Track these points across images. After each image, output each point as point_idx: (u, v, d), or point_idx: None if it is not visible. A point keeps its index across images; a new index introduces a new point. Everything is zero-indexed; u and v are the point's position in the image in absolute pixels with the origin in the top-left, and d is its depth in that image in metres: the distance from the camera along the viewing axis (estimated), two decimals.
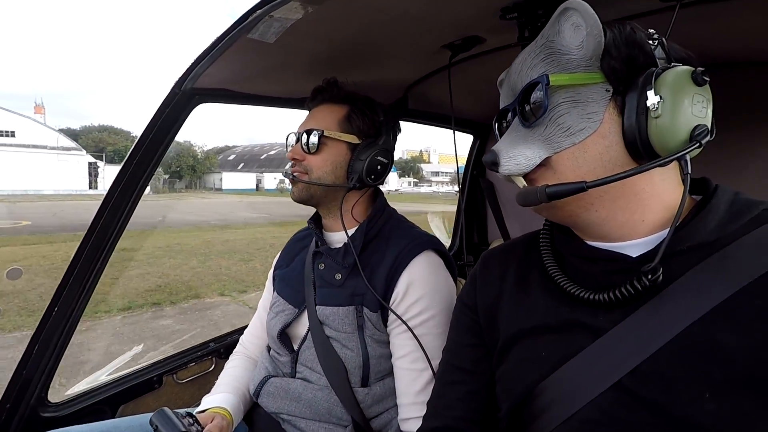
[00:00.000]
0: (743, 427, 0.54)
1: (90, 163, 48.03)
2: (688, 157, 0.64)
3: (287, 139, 1.24)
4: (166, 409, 0.94)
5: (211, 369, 1.71)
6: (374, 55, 1.25)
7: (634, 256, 0.67)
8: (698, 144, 0.62)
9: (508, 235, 2.25)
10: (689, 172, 0.64)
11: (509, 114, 0.77)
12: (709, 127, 0.63)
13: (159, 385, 1.56)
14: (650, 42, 0.67)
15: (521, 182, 0.72)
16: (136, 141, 1.27)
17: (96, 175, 47.91)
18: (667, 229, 0.66)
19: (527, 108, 0.71)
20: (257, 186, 60.83)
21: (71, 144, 45.76)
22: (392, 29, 1.08)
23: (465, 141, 2.40)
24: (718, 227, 0.64)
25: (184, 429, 0.91)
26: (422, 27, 1.08)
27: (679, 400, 0.57)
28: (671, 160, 0.62)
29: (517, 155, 0.71)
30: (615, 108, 0.66)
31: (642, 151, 0.64)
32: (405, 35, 1.13)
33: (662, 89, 0.62)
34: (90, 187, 46.50)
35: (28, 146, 42.69)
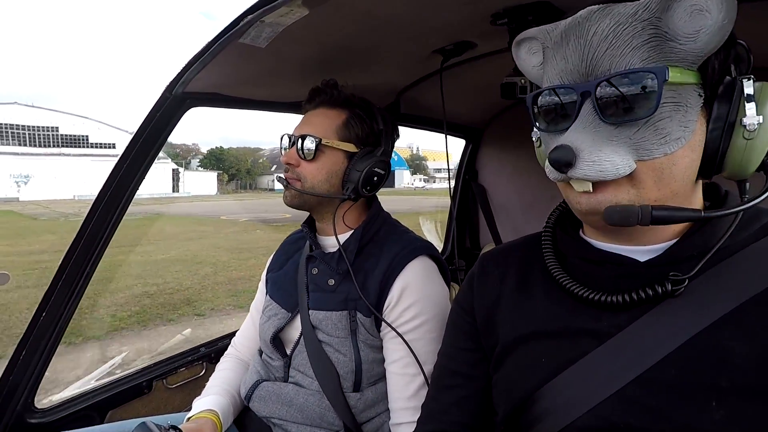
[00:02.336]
0: None
1: (173, 170, 52.83)
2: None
3: (281, 140, 1.21)
4: (147, 422, 0.92)
5: (201, 374, 1.69)
6: (366, 60, 1.26)
7: (642, 260, 0.66)
8: None
9: (500, 240, 2.26)
10: (747, 195, 0.63)
11: (573, 96, 0.62)
12: None
13: (148, 390, 1.55)
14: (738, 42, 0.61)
15: (585, 186, 0.61)
16: (127, 144, 1.26)
17: (177, 180, 52.75)
18: (677, 239, 0.65)
19: (616, 100, 0.58)
20: None
21: (160, 154, 48.62)
22: (384, 34, 1.09)
23: (455, 144, 2.41)
24: (729, 235, 0.63)
25: None
26: (413, 32, 1.09)
27: (684, 409, 0.56)
28: None
29: (603, 160, 0.58)
30: (704, 116, 0.60)
31: (716, 168, 0.61)
32: (396, 40, 1.13)
33: (762, 106, 0.57)
34: (173, 191, 50.32)
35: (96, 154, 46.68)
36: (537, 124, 0.69)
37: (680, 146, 0.58)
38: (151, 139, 1.27)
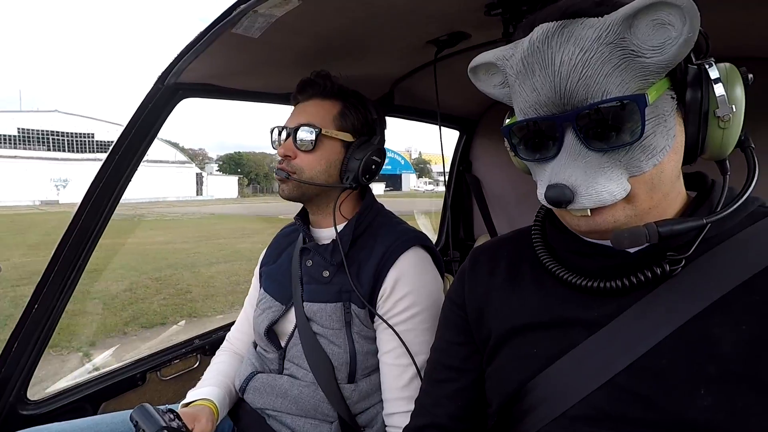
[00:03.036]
0: (737, 422, 0.54)
1: (197, 174, 55.70)
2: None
3: (272, 133, 1.20)
4: (146, 404, 0.92)
5: (195, 366, 1.69)
6: (360, 51, 1.25)
7: (632, 251, 0.66)
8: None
9: (494, 231, 2.26)
10: (729, 172, 0.64)
11: (552, 125, 0.61)
12: None
13: (142, 382, 1.55)
14: None
15: (584, 212, 0.61)
16: (118, 137, 1.25)
17: (201, 184, 55.62)
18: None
19: (600, 129, 0.58)
20: None
21: (184, 158, 54.88)
22: (377, 24, 1.08)
23: (449, 138, 2.41)
24: (715, 223, 0.63)
25: (165, 424, 0.89)
26: (407, 22, 1.08)
27: (673, 396, 0.57)
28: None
29: (600, 192, 0.58)
30: (679, 116, 0.61)
31: (696, 157, 0.63)
32: (390, 30, 1.13)
33: (731, 90, 0.58)
34: (197, 194, 53.56)
35: (156, 162, 49.58)
36: (518, 152, 0.68)
37: (666, 153, 0.60)
38: (143, 130, 1.26)
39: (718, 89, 0.58)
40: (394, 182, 62.55)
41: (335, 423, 1.10)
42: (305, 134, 1.13)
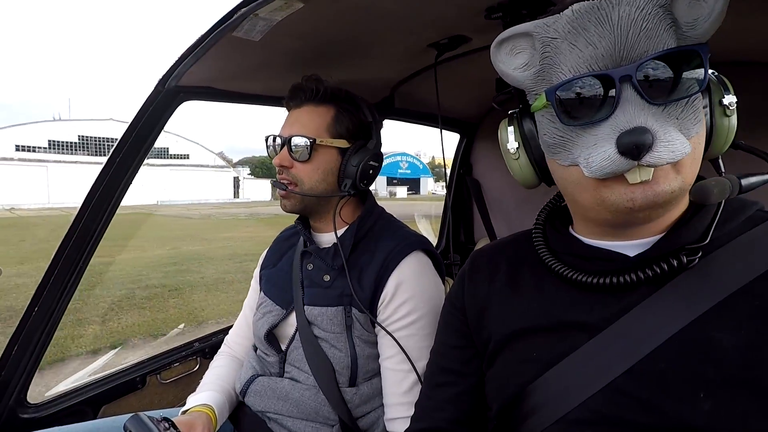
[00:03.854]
0: (737, 425, 0.54)
1: (234, 178, 58.91)
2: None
3: (267, 141, 1.18)
4: (140, 414, 0.91)
5: (195, 369, 1.69)
6: (360, 54, 1.25)
7: (631, 255, 0.66)
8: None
9: (494, 234, 2.26)
10: (724, 171, 0.65)
11: (610, 81, 0.58)
12: None
13: (142, 385, 1.55)
14: None
15: (648, 175, 0.57)
16: (120, 139, 1.25)
17: (238, 187, 58.61)
18: (665, 233, 0.66)
19: (661, 80, 0.57)
20: None
21: (223, 163, 58.75)
22: (378, 28, 1.08)
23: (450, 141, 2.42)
24: (716, 226, 0.64)
25: None
26: (408, 26, 1.08)
27: (673, 400, 0.57)
28: None
29: (675, 140, 0.55)
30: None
31: (708, 148, 0.65)
32: (391, 34, 1.13)
33: (731, 90, 0.63)
34: (234, 197, 56.69)
35: (198, 166, 55.13)
36: (562, 118, 0.63)
37: (702, 126, 0.61)
38: (143, 133, 1.26)
39: (724, 86, 0.63)
40: (413, 186, 62.93)
41: (336, 426, 1.09)
42: (300, 144, 1.11)
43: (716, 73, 0.64)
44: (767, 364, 0.55)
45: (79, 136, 47.87)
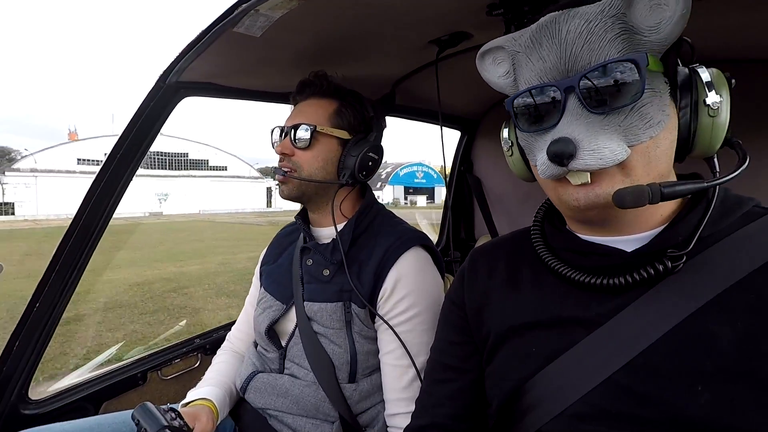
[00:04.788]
0: (735, 418, 0.55)
1: (268, 188, 60.95)
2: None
3: (272, 133, 1.21)
4: (148, 403, 0.93)
5: (196, 365, 1.69)
6: (361, 50, 1.25)
7: (628, 251, 0.67)
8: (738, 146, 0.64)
9: (495, 231, 2.26)
10: (718, 171, 0.65)
11: (555, 92, 0.64)
12: None
13: (143, 381, 1.55)
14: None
15: (583, 178, 0.62)
16: (120, 135, 1.25)
17: (270, 197, 61.08)
18: (662, 227, 0.67)
19: (602, 90, 0.61)
20: None
21: (257, 174, 61.58)
22: (379, 24, 1.08)
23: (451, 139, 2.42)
24: (711, 223, 0.65)
25: (166, 423, 0.90)
26: (409, 22, 1.08)
27: (671, 393, 0.58)
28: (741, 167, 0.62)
29: (602, 148, 0.60)
30: (672, 103, 0.64)
31: (689, 148, 0.65)
32: (392, 30, 1.12)
33: (719, 86, 0.62)
34: (267, 206, 59.33)
35: (235, 177, 59.02)
36: (519, 125, 0.70)
37: (661, 129, 0.62)
38: (144, 128, 1.26)
39: (708, 85, 0.62)
40: (430, 195, 63.77)
41: (336, 423, 1.10)
42: (301, 132, 1.14)
43: (706, 71, 0.63)
44: (764, 356, 0.55)
45: None
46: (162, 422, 0.89)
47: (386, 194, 56.80)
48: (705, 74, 0.62)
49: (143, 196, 45.48)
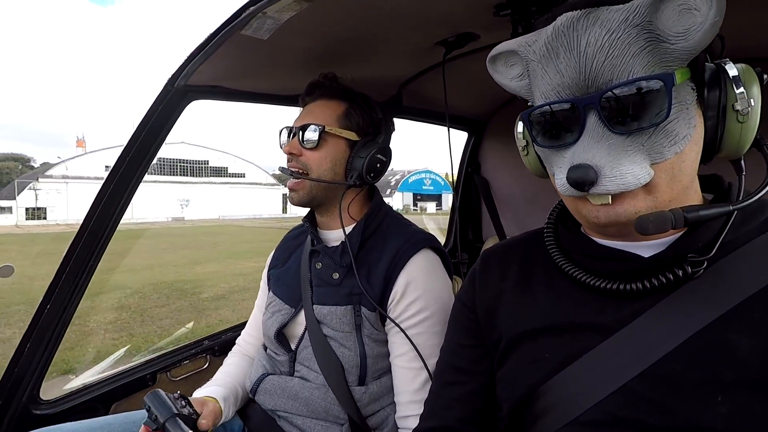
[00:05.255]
0: (757, 429, 0.53)
1: (283, 194, 64.21)
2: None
3: (280, 134, 1.21)
4: (159, 390, 0.95)
5: (205, 367, 1.70)
6: (368, 52, 1.25)
7: (646, 256, 0.65)
8: None
9: (503, 233, 2.25)
10: (745, 172, 0.63)
11: (574, 111, 0.61)
12: None
13: (153, 382, 1.56)
14: None
15: (605, 199, 0.60)
16: (129, 138, 1.26)
17: (286, 203, 66.50)
18: (681, 233, 0.65)
19: (624, 110, 0.57)
20: None
21: (274, 181, 62.42)
22: (385, 26, 1.08)
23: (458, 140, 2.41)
24: (732, 228, 0.62)
25: (176, 410, 0.92)
26: (415, 23, 1.08)
27: (690, 404, 0.56)
28: None
29: (625, 174, 0.57)
30: (699, 109, 0.61)
31: (715, 153, 0.62)
32: (398, 32, 1.13)
33: (749, 87, 0.58)
34: (282, 212, 59.52)
35: (252, 184, 60.93)
36: (536, 140, 0.67)
37: (687, 143, 0.59)
38: (153, 132, 1.27)
39: (738, 86, 0.58)
40: (439, 202, 64.25)
41: (346, 425, 1.10)
42: (310, 133, 1.14)
43: (734, 67, 0.59)
44: None
45: (158, 158, 52.49)
46: (172, 410, 0.92)
47: (396, 201, 57.30)
48: (732, 71, 0.58)
49: (166, 202, 47.80)
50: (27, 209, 45.75)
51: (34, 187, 45.62)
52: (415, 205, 58.83)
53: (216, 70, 1.22)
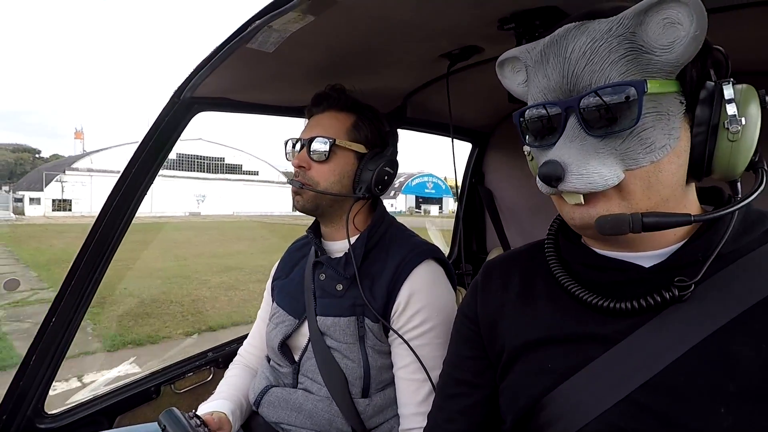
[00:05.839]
0: None
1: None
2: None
3: (286, 145, 1.22)
4: (174, 409, 0.95)
5: (209, 379, 1.70)
6: (373, 64, 1.26)
7: (647, 266, 0.65)
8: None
9: (507, 244, 2.24)
10: (740, 194, 0.62)
11: (557, 112, 0.64)
12: None
13: (157, 395, 1.55)
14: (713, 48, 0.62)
15: (577, 199, 0.63)
16: (136, 149, 1.27)
17: None
18: (682, 242, 0.65)
19: (599, 114, 0.60)
20: None
21: (285, 179, 62.71)
22: (390, 38, 1.09)
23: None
24: (733, 239, 0.62)
25: (191, 430, 0.91)
26: (420, 36, 1.09)
27: (692, 415, 0.56)
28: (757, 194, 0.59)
29: (592, 173, 0.59)
30: (687, 123, 0.61)
31: (704, 171, 0.62)
32: (403, 44, 1.13)
33: (744, 108, 0.58)
34: (292, 210, 59.98)
35: (265, 181, 62.67)
36: (526, 139, 0.71)
37: (666, 153, 0.60)
38: (159, 144, 1.28)
39: (730, 106, 0.58)
40: (439, 205, 64.59)
41: None
42: (319, 145, 1.14)
43: (732, 88, 0.59)
44: None
45: (176, 153, 55.03)
46: (187, 428, 0.92)
47: (399, 203, 57.79)
48: (729, 91, 0.59)
49: (183, 197, 50.44)
50: (54, 201, 47.20)
51: (61, 180, 47.24)
52: (418, 207, 59.22)
53: (222, 82, 1.23)
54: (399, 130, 1.33)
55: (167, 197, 46.93)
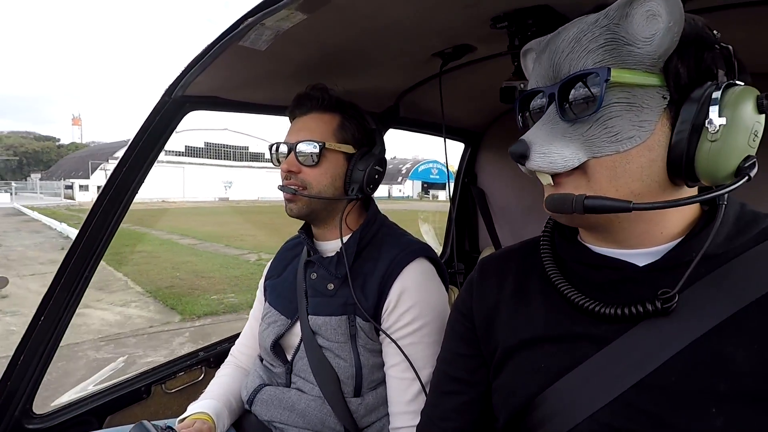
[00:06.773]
0: None
1: None
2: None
3: (270, 149, 1.19)
4: (145, 422, 0.93)
5: (200, 378, 1.68)
6: (365, 63, 1.26)
7: (641, 265, 0.65)
8: (748, 178, 0.58)
9: (499, 243, 2.25)
10: (725, 203, 0.60)
11: (542, 98, 0.67)
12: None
13: (147, 395, 1.54)
14: (717, 47, 0.61)
15: (547, 180, 0.66)
16: (126, 148, 1.26)
17: None
18: (677, 241, 0.65)
19: (571, 100, 0.63)
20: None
21: None
22: (383, 37, 1.09)
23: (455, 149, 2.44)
24: (726, 240, 0.62)
25: None
26: (413, 35, 1.09)
27: (684, 415, 0.56)
28: (724, 193, 0.57)
29: (553, 152, 0.62)
30: (667, 119, 0.60)
31: (684, 171, 0.60)
32: (396, 43, 1.13)
33: (726, 110, 0.56)
34: None
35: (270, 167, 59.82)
36: (520, 122, 0.74)
37: (634, 145, 0.60)
38: (150, 142, 1.26)
39: (714, 106, 0.57)
40: (446, 189, 65.81)
41: None
42: (308, 149, 1.12)
43: (717, 93, 0.57)
44: None
45: (205, 142, 57.64)
46: None
47: (407, 188, 59.88)
48: (716, 93, 0.57)
49: (212, 183, 52.57)
50: (99, 188, 49.08)
51: (105, 168, 48.93)
52: (426, 192, 59.88)
53: (213, 80, 1.22)
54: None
55: (198, 184, 49.69)
